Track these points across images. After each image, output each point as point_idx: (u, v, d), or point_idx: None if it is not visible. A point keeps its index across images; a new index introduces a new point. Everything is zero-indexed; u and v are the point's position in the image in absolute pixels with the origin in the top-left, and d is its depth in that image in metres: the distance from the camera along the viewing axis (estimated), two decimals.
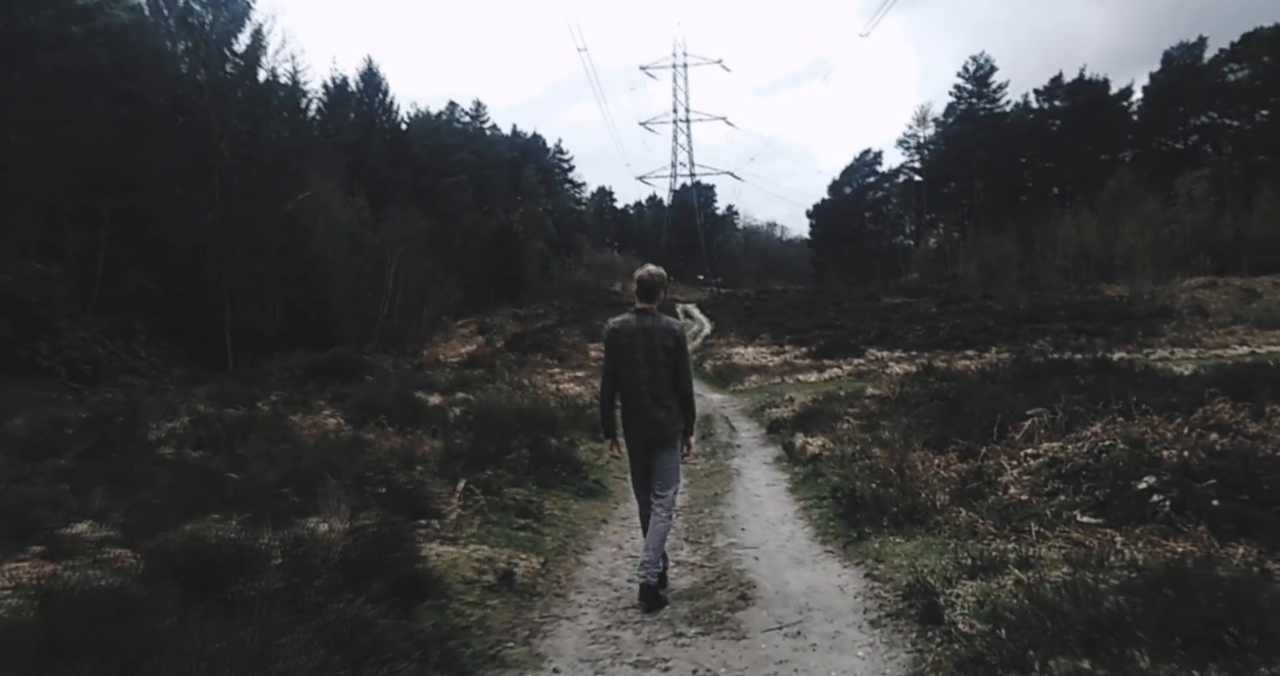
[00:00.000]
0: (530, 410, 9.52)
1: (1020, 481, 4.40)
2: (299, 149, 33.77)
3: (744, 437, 9.93)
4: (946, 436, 6.66)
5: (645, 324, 3.97)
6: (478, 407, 9.70)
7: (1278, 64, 46.31)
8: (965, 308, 34.57)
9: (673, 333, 4.02)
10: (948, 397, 9.26)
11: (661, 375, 3.96)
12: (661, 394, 3.99)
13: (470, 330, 45.89)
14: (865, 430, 8.52)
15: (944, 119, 65.15)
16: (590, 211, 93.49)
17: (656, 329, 3.97)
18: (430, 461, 6.26)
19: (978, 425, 6.80)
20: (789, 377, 20.43)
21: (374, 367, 16.80)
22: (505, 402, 11.76)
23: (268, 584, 2.66)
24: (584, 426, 9.67)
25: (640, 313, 4.02)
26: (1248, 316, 26.02)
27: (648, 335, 3.94)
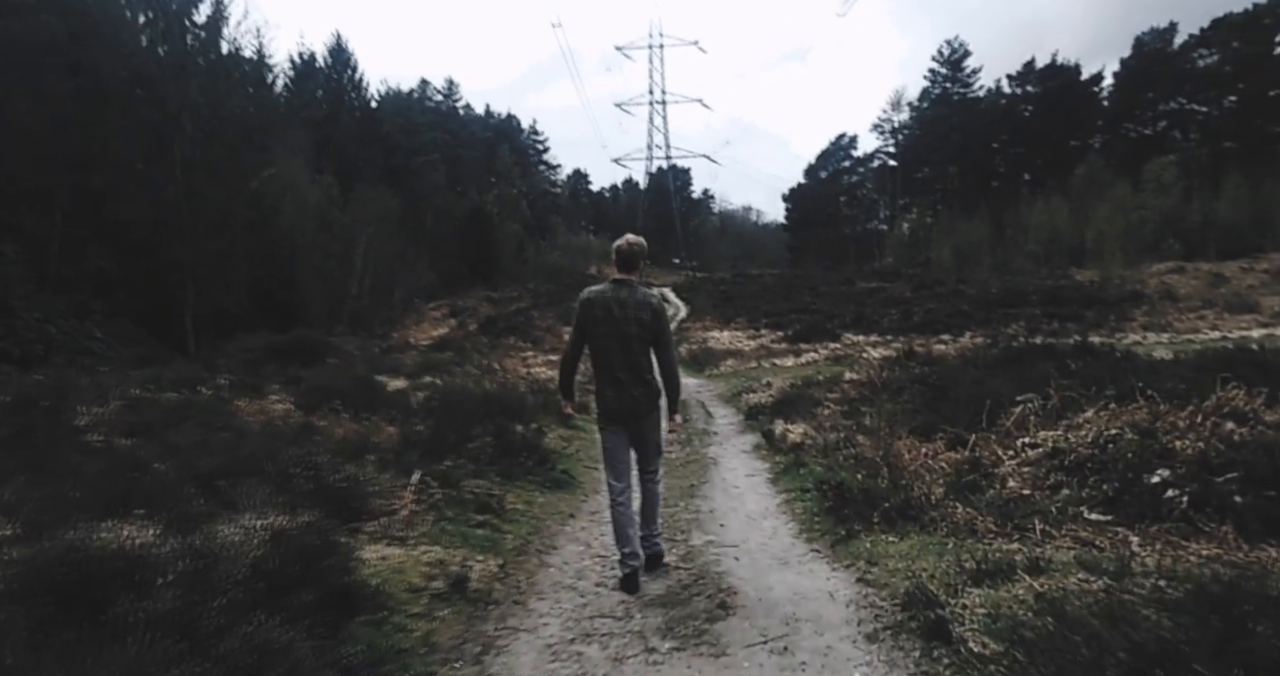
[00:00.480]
0: (497, 395, 9.08)
1: (1020, 474, 4.07)
2: (264, 125, 32.73)
3: (721, 424, 9.58)
4: (934, 423, 6.36)
5: (620, 295, 3.81)
6: (442, 393, 9.24)
7: (1247, 49, 46.61)
8: (939, 292, 34.61)
9: (649, 305, 3.83)
10: (932, 383, 8.99)
11: (635, 349, 3.80)
12: (637, 369, 3.83)
13: (443, 312, 45.28)
14: (847, 416, 8.21)
15: (918, 104, 65.15)
16: (565, 194, 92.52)
17: (632, 301, 3.80)
18: (385, 451, 5.82)
19: (966, 411, 6.50)
20: (765, 362, 20.21)
21: (338, 350, 16.21)
22: (472, 387, 11.32)
23: (158, 605, 2.22)
24: (554, 412, 9.25)
25: (617, 283, 3.86)
26: (1216, 301, 26.23)
27: (622, 307, 3.78)
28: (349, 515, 3.75)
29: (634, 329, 3.77)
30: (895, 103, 66.99)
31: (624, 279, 3.88)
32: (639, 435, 3.95)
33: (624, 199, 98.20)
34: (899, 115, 66.76)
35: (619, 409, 3.87)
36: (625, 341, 3.78)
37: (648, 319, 3.80)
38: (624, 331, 3.77)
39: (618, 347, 3.79)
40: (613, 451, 3.99)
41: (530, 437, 6.92)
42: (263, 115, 31.79)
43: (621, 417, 3.90)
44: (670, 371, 3.95)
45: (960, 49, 61.53)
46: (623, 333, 3.78)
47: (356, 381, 8.39)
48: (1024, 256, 44.42)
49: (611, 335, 3.79)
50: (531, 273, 61.00)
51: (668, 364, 3.94)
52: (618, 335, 3.78)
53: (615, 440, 3.97)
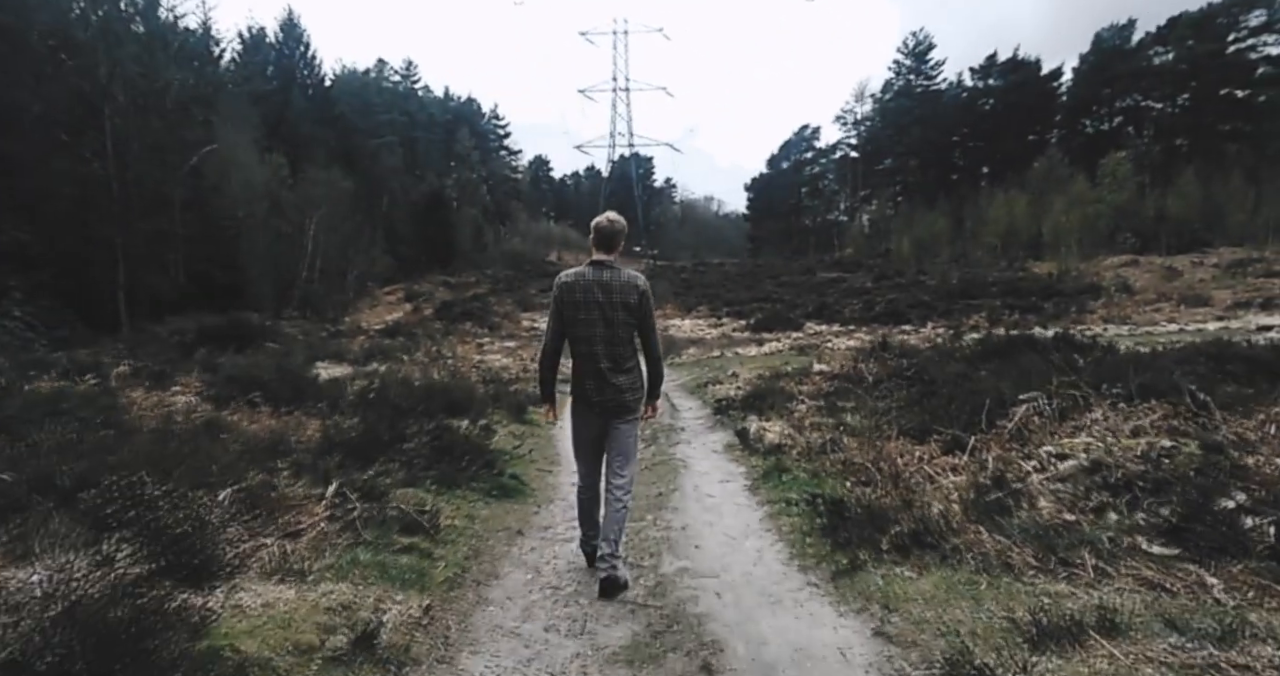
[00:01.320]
0: (444, 386, 8.27)
1: (1052, 492, 3.43)
2: (206, 98, 30.98)
3: (688, 419, 8.88)
4: (927, 424, 5.74)
5: (603, 277, 3.53)
6: (382, 383, 8.39)
7: (1201, 48, 47.27)
8: (900, 283, 34.61)
9: (635, 287, 3.55)
10: (918, 378, 8.40)
11: (621, 336, 3.56)
12: (621, 357, 3.59)
13: (397, 297, 44.23)
14: (825, 412, 7.57)
15: (881, 96, 65.08)
16: (526, 180, 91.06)
17: (616, 283, 3.53)
18: (303, 453, 5.00)
19: (962, 411, 5.90)
20: (728, 351, 19.66)
21: (277, 333, 15.18)
22: (418, 377, 10.47)
23: None
24: (507, 405, 8.49)
25: (597, 265, 3.57)
26: (1171, 294, 26.46)
27: (606, 290, 3.51)
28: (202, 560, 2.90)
29: (620, 313, 3.51)
30: (859, 94, 66.98)
31: (604, 260, 3.57)
32: (614, 434, 3.66)
33: (586, 186, 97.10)
34: (862, 107, 66.79)
35: (599, 400, 3.59)
36: (610, 327, 3.52)
37: (635, 302, 3.53)
38: (609, 317, 3.50)
39: (601, 335, 3.53)
40: (584, 442, 3.74)
41: (476, 437, 6.13)
42: (205, 88, 30.02)
43: (600, 410, 3.62)
44: (655, 357, 3.72)
45: (925, 41, 61.64)
46: (607, 318, 3.51)
47: (281, 370, 7.49)
48: (983, 248, 44.62)
49: (594, 321, 3.51)
50: (490, 259, 59.89)
51: (653, 350, 3.69)
52: (602, 321, 3.51)
53: (587, 431, 3.71)
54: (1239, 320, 20.20)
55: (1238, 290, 25.84)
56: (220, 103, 33.13)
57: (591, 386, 3.59)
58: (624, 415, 3.64)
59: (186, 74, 29.65)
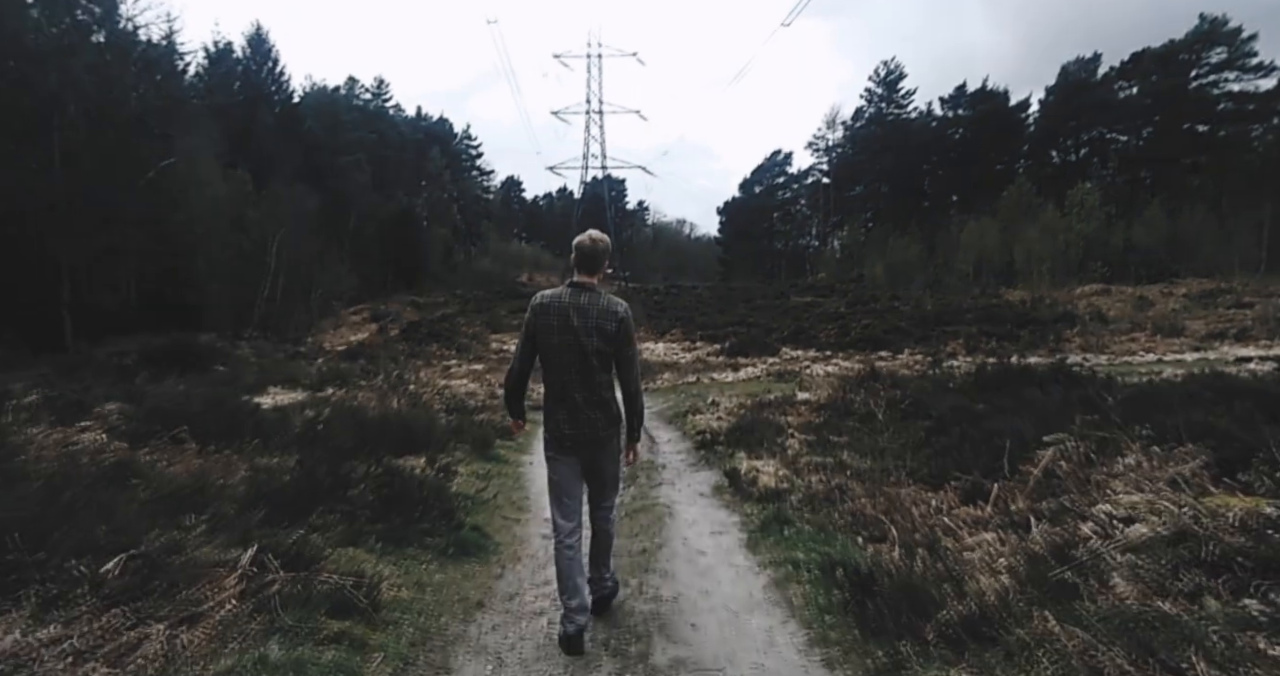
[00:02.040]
0: (402, 418, 7.53)
1: (1126, 566, 2.82)
2: (166, 111, 29.95)
3: (668, 453, 8.22)
4: (941, 468, 5.15)
5: (581, 301, 3.30)
6: (334, 413, 7.64)
7: (1165, 83, 48.27)
8: (874, 308, 34.44)
9: (615, 314, 3.31)
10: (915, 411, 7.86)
11: (595, 365, 3.31)
12: (596, 388, 3.34)
13: (363, 317, 43.26)
14: (820, 450, 6.97)
15: (851, 123, 65.69)
16: (498, 201, 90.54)
17: (594, 308, 3.30)
18: (226, 503, 4.26)
19: (978, 453, 5.33)
20: (704, 376, 19.10)
21: (227, 356, 14.26)
22: (376, 405, 9.71)
23: None
24: (472, 439, 7.76)
25: (577, 287, 3.35)
26: (1145, 323, 26.53)
27: (582, 314, 3.28)
28: None
29: (595, 341, 3.27)
30: (830, 121, 67.45)
31: (584, 282, 3.36)
32: (594, 466, 3.44)
33: (558, 208, 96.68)
34: (833, 133, 67.25)
35: (573, 434, 3.34)
36: (583, 355, 3.27)
37: (612, 330, 3.28)
38: (582, 344, 3.26)
39: (574, 362, 3.29)
40: (562, 485, 3.43)
41: (433, 481, 5.41)
42: (164, 100, 29.02)
43: (574, 445, 3.37)
44: (633, 392, 3.43)
45: (896, 70, 62.35)
46: (581, 345, 3.26)
47: (214, 400, 6.70)
48: (955, 275, 44.81)
49: (568, 347, 3.28)
50: (460, 279, 59.09)
51: (631, 384, 3.42)
52: (575, 348, 3.27)
53: (565, 471, 3.43)
54: (1215, 351, 20.17)
55: (1210, 320, 25.96)
56: (182, 117, 32.16)
57: (564, 418, 3.33)
58: (599, 447, 3.38)
59: (146, 86, 28.67)
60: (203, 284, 29.51)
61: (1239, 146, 46.19)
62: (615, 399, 3.43)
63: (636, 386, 3.44)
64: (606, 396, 3.37)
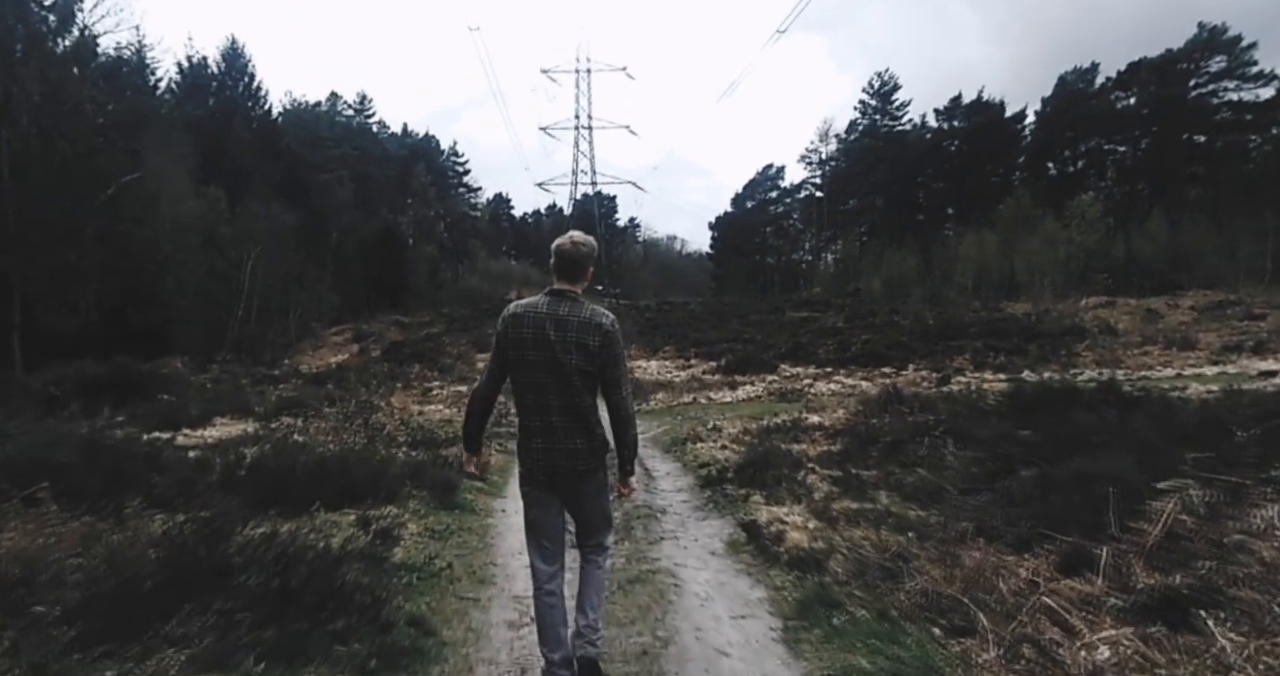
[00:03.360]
0: (349, 458, 6.17)
1: None
2: (130, 125, 28.64)
3: (667, 492, 6.88)
4: (1012, 518, 3.86)
5: (559, 312, 2.78)
6: (272, 452, 6.28)
7: (1163, 92, 47.64)
8: (873, 322, 33.32)
9: (598, 327, 2.76)
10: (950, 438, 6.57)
11: (577, 386, 2.77)
12: (577, 412, 2.79)
13: (345, 337, 41.75)
14: (852, 491, 5.66)
15: (845, 136, 64.95)
16: (486, 218, 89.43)
17: (576, 320, 2.76)
18: (49, 605, 2.91)
19: (1068, 502, 4.05)
20: (700, 396, 17.81)
21: (174, 382, 12.86)
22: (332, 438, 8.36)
23: None
24: (432, 482, 6.39)
25: (556, 295, 2.83)
26: (1156, 337, 25.53)
27: (562, 327, 2.75)
28: None
29: (575, 358, 2.75)
30: (823, 134, 66.66)
31: (565, 290, 2.86)
32: (578, 503, 2.96)
33: (547, 225, 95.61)
34: (826, 146, 66.47)
35: (550, 467, 2.84)
36: (563, 374, 2.76)
37: (595, 345, 2.75)
38: (561, 361, 2.75)
39: (552, 383, 2.77)
40: (540, 526, 2.95)
41: (365, 548, 4.05)
42: (128, 114, 27.71)
43: (550, 478, 2.87)
44: (623, 418, 2.89)
45: (890, 81, 61.66)
46: (559, 363, 2.75)
47: (97, 444, 5.32)
48: (954, 288, 43.82)
49: (544, 365, 2.77)
50: (447, 297, 57.77)
51: (620, 407, 2.88)
52: (553, 366, 2.76)
53: (543, 510, 2.94)
54: (1234, 365, 19.21)
55: (1223, 333, 24.99)
56: (151, 131, 30.88)
57: (540, 447, 2.82)
58: (582, 481, 2.87)
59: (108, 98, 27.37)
60: (170, 304, 28.10)
61: (1237, 157, 45.55)
62: (601, 424, 2.89)
63: (628, 412, 2.86)
64: (590, 422, 2.83)
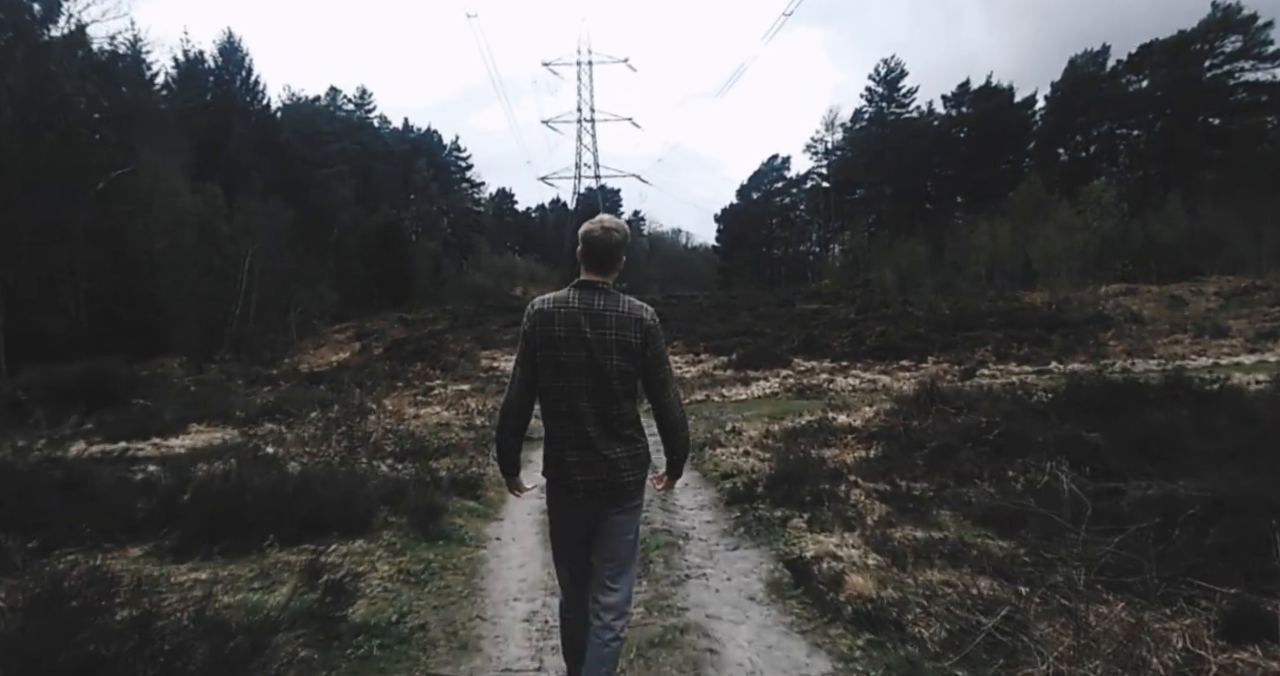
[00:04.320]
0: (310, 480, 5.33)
1: None
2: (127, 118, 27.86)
3: (689, 511, 6.02)
4: (1153, 566, 3.01)
5: (595, 306, 2.39)
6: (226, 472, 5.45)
7: (1177, 74, 46.40)
8: (886, 314, 32.34)
9: (640, 322, 2.41)
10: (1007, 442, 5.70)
11: (617, 390, 2.40)
12: (618, 419, 2.42)
13: (347, 335, 41.00)
14: (908, 510, 4.81)
15: (851, 125, 63.78)
16: (490, 214, 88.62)
17: (613, 314, 2.39)
18: None
19: (1199, 533, 3.19)
20: (713, 393, 16.90)
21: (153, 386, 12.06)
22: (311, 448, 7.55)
23: None
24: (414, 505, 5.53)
25: (587, 288, 2.43)
26: (1184, 324, 24.56)
27: (597, 324, 2.37)
28: None
29: (615, 359, 2.36)
30: (829, 123, 65.52)
31: (596, 281, 2.43)
32: (606, 527, 2.48)
33: (551, 219, 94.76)
34: (832, 136, 65.32)
35: (587, 482, 2.40)
36: (601, 377, 2.36)
37: (637, 343, 2.38)
38: (599, 363, 2.34)
39: (588, 386, 2.37)
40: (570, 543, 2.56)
41: (317, 610, 3.21)
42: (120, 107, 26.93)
43: (588, 496, 2.42)
44: (675, 421, 2.49)
45: (897, 68, 60.45)
46: (597, 365, 2.35)
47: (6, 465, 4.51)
48: (967, 277, 42.81)
49: (579, 368, 2.36)
50: (451, 293, 56.96)
51: (670, 410, 2.48)
52: (589, 367, 2.35)
53: (575, 525, 2.52)
54: (1273, 352, 18.40)
55: (1254, 319, 24.06)
56: (145, 125, 30.13)
57: (575, 461, 2.39)
58: (620, 502, 2.46)
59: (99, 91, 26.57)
60: (165, 303, 27.35)
61: (1254, 139, 44.29)
62: (642, 432, 2.52)
63: (678, 415, 2.52)
64: (629, 432, 2.46)
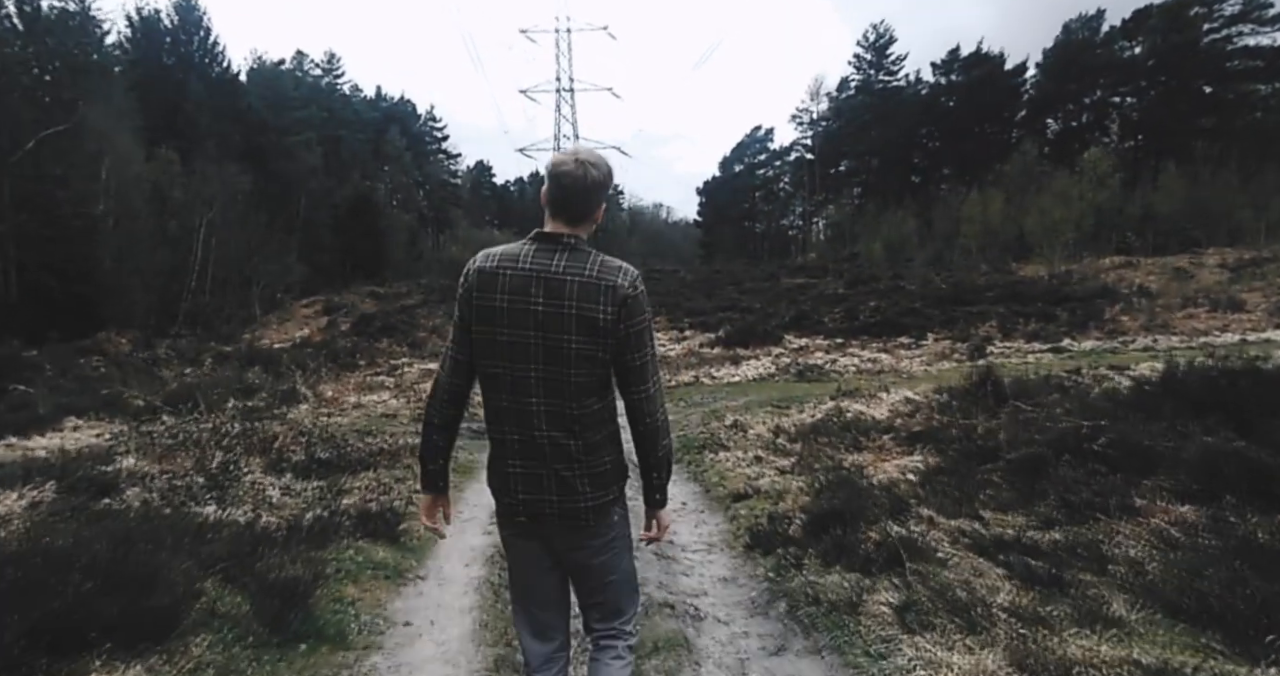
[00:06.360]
0: (95, 541, 3.67)
1: None
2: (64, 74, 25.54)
3: (693, 556, 4.36)
4: None
5: (552, 268, 1.66)
6: None
7: (1173, 39, 44.85)
8: (876, 288, 30.87)
9: (613, 290, 1.66)
10: (1106, 451, 4.16)
11: (576, 381, 1.67)
12: (577, 421, 1.70)
13: (315, 310, 38.94)
14: (1031, 580, 3.26)
15: (837, 94, 61.77)
16: (467, 186, 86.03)
17: (575, 281, 1.65)
18: None
19: None
20: (701, 374, 15.27)
21: (41, 368, 10.27)
22: (168, 469, 5.90)
23: None
24: (264, 579, 3.90)
25: (547, 242, 1.71)
26: (1196, 298, 23.20)
27: (553, 292, 1.65)
28: None
29: (575, 340, 1.64)
30: (814, 92, 63.43)
31: (561, 235, 1.70)
32: (580, 562, 1.82)
33: (530, 193, 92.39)
34: (818, 106, 63.28)
35: (535, 504, 1.73)
36: (557, 364, 1.65)
37: (608, 319, 1.64)
38: (554, 345, 1.64)
39: (538, 377, 1.66)
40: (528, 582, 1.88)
41: None
42: (51, 60, 24.62)
43: (535, 520, 1.76)
44: (651, 427, 1.76)
45: (886, 33, 58.39)
46: (551, 347, 1.64)
47: None
48: (958, 250, 41.45)
49: (526, 351, 1.65)
50: (427, 268, 54.84)
51: (646, 411, 1.75)
52: (542, 352, 1.65)
53: (531, 567, 1.86)
54: None
55: (1268, 292, 22.80)
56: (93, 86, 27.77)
57: (518, 472, 1.70)
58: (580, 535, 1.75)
59: (31, 44, 24.26)
60: (108, 275, 25.29)
61: (1249, 107, 42.95)
62: (614, 439, 1.75)
63: (657, 418, 1.74)
64: (595, 437, 1.69)
